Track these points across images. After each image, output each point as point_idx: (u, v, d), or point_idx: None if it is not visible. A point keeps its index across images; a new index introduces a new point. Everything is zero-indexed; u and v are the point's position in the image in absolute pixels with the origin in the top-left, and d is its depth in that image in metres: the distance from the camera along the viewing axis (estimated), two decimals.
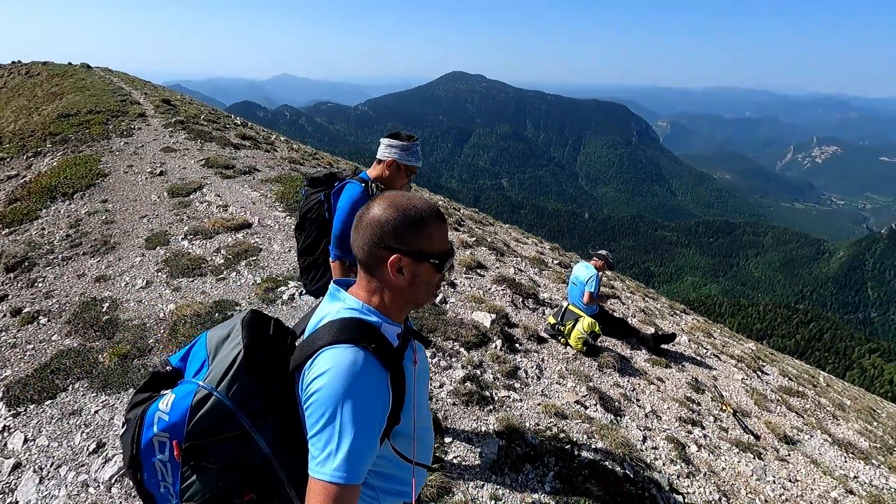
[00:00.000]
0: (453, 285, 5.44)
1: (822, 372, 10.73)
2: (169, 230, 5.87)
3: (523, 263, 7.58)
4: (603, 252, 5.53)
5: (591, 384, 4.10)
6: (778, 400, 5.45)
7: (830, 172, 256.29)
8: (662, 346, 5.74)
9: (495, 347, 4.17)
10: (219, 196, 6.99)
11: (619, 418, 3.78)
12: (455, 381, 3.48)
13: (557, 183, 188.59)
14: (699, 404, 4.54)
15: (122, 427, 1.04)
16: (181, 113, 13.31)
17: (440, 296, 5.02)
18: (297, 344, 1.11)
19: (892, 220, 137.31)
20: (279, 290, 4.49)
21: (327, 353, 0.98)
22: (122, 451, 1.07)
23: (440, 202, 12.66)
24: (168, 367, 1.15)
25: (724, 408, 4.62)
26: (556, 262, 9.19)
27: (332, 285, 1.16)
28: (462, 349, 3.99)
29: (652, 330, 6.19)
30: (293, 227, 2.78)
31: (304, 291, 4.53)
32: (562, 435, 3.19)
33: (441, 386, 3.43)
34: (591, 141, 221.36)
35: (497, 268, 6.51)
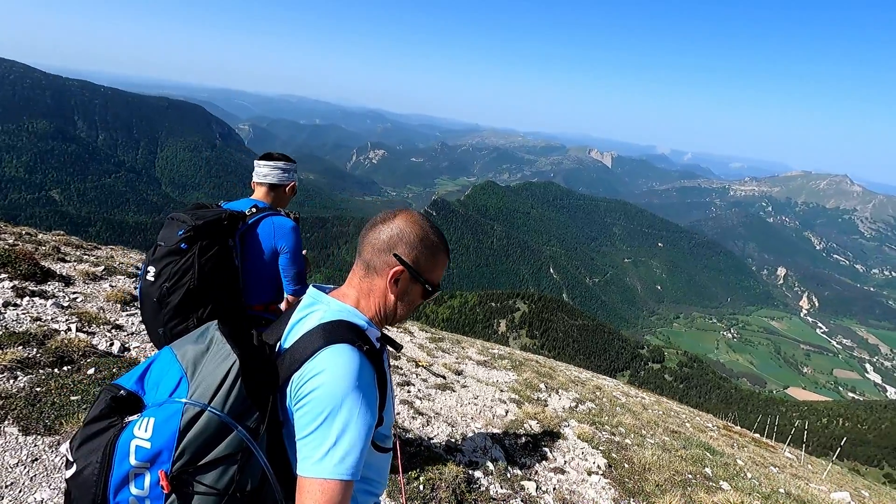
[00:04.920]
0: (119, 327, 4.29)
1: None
2: None
3: None
4: None
5: None
6: (436, 347, 7.06)
7: (383, 170, 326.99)
8: None
9: None
10: None
11: None
12: None
13: (135, 192, 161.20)
14: (401, 368, 5.40)
15: (70, 468, 0.90)
16: None
17: None
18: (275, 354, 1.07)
19: (426, 204, 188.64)
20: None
21: (324, 353, 0.97)
22: (74, 497, 0.91)
23: None
24: (122, 392, 0.97)
25: (417, 365, 5.67)
26: None
27: (311, 290, 1.14)
28: None
29: None
30: (174, 291, 1.81)
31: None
32: None
33: None
34: (168, 143, 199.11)
35: None
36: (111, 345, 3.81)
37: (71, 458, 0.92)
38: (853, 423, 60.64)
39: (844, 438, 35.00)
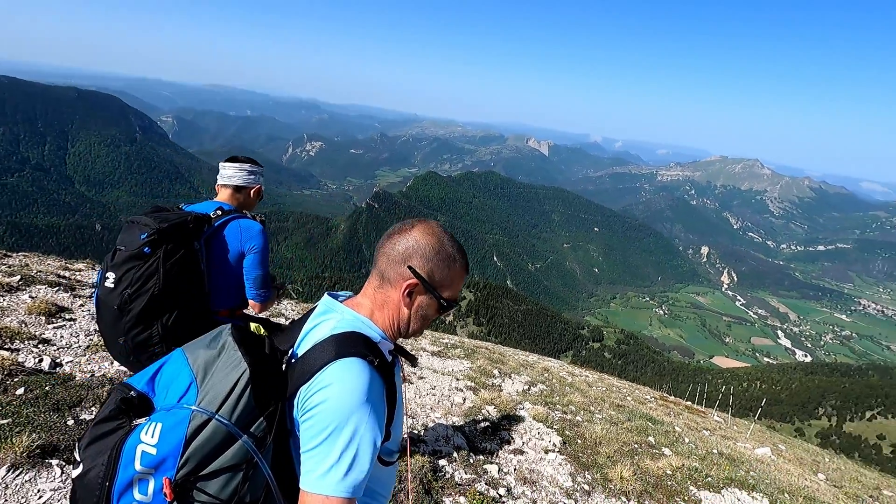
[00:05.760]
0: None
1: None
2: None
3: None
4: None
5: None
6: None
7: (321, 163, 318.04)
8: None
9: None
10: None
11: None
12: None
13: (44, 192, 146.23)
14: None
15: (77, 468, 0.91)
16: None
17: None
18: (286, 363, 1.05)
19: (367, 197, 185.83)
20: None
21: (334, 365, 0.95)
22: (79, 497, 0.90)
23: None
24: (132, 393, 0.97)
25: None
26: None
27: (326, 298, 1.12)
28: None
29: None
30: (138, 296, 1.74)
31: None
32: None
33: None
34: (81, 138, 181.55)
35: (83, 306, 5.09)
36: (40, 361, 3.51)
37: (78, 458, 0.92)
38: (769, 385, 66.98)
39: (764, 399, 38.59)
